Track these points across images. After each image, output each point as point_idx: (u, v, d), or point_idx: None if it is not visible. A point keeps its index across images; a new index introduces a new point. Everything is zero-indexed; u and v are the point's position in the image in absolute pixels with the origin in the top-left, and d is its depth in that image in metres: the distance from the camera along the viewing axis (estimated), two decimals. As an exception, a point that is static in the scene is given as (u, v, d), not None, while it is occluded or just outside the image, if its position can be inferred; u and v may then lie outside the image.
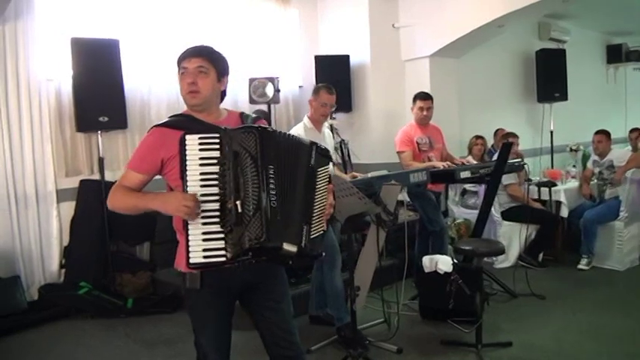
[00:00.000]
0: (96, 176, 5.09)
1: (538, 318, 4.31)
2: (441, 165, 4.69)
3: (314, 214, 2.10)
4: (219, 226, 1.96)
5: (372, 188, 3.70)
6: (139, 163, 2.19)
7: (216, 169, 1.96)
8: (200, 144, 1.96)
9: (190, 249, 1.94)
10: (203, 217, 1.96)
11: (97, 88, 4.77)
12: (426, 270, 4.29)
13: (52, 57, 4.88)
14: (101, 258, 5.02)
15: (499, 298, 4.75)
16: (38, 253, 4.85)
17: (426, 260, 4.32)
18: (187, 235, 1.95)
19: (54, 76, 4.91)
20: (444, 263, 4.21)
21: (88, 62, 4.75)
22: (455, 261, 4.30)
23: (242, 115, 2.33)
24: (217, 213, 1.96)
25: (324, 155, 2.19)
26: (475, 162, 5.71)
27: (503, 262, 5.63)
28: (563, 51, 7.93)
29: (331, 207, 2.19)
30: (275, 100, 5.79)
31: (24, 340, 4.28)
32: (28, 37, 4.71)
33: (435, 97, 5.13)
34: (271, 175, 2.00)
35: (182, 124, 2.17)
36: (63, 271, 4.97)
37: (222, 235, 1.95)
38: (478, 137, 6.39)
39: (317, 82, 6.16)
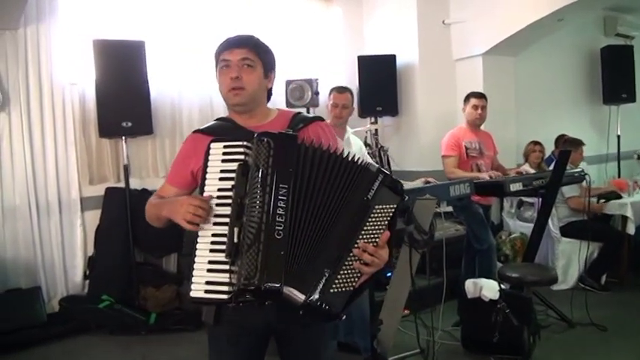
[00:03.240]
0: (122, 184, 4.75)
1: (598, 354, 3.69)
2: (486, 176, 4.16)
3: (347, 262, 1.60)
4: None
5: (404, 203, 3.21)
6: (172, 174, 1.94)
7: (231, 185, 1.61)
8: (224, 153, 1.64)
9: (193, 279, 1.59)
10: (212, 243, 1.60)
11: (121, 92, 4.45)
12: (469, 295, 3.73)
13: (76, 60, 4.57)
14: (126, 269, 4.68)
15: (554, 328, 4.12)
16: (61, 263, 4.56)
17: (470, 284, 3.77)
18: (193, 260, 1.61)
19: (78, 80, 4.61)
20: (489, 289, 3.64)
21: (112, 65, 4.44)
22: (502, 286, 3.70)
23: (294, 117, 1.91)
24: (225, 239, 1.58)
25: (392, 190, 1.65)
26: (533, 171, 5.10)
27: (561, 283, 4.90)
28: (631, 48, 7.11)
29: (376, 264, 1.61)
30: (313, 103, 5.38)
31: (39, 355, 4.01)
32: (51, 39, 4.43)
33: (489, 99, 4.71)
34: (282, 198, 1.56)
35: (217, 129, 1.85)
36: (87, 282, 4.67)
37: (227, 267, 1.57)
38: (536, 143, 5.74)
39: (360, 84, 5.86)
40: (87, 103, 4.67)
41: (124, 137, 4.65)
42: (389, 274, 4.13)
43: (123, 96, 4.46)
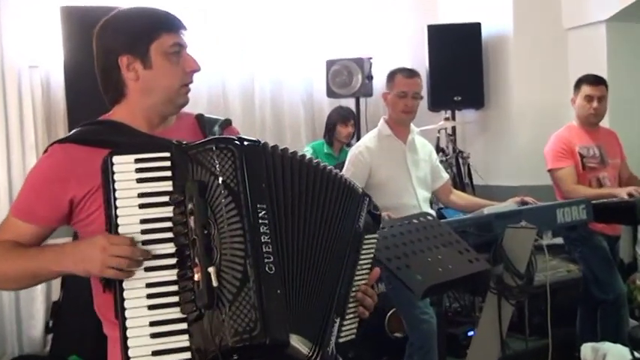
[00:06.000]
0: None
1: None
2: (623, 193, 4.08)
3: (350, 305, 1.78)
4: (178, 310, 1.55)
5: (489, 232, 3.23)
6: (30, 205, 1.81)
7: (168, 212, 1.60)
8: (138, 170, 1.60)
9: (130, 352, 1.52)
10: (150, 297, 1.56)
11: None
12: (588, 365, 3.75)
13: (38, 35, 4.72)
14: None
15: None
16: (12, 311, 4.66)
17: (588, 350, 3.89)
18: (124, 326, 1.52)
19: (40, 62, 4.77)
20: (616, 357, 3.65)
21: (86, 41, 4.27)
22: (637, 354, 3.65)
23: (200, 119, 2.01)
24: (174, 288, 1.56)
25: (374, 218, 1.91)
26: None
27: None
28: None
29: (372, 307, 1.83)
30: (365, 91, 5.49)
31: None
32: (1, 8, 4.62)
33: (613, 82, 4.72)
34: (263, 222, 1.61)
35: (105, 136, 1.81)
36: (50, 337, 4.72)
37: (184, 327, 1.55)
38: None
39: (430, 65, 5.98)
40: (53, 92, 4.82)
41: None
42: (470, 333, 4.08)
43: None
